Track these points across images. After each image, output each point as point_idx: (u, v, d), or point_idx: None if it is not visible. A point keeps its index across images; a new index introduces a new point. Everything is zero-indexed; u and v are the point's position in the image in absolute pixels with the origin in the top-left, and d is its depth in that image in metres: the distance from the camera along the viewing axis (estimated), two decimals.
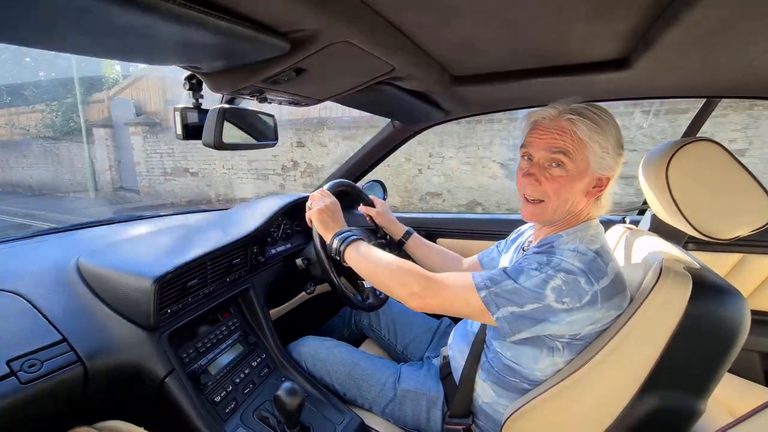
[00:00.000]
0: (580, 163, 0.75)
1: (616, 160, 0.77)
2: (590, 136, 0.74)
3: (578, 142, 0.74)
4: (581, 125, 0.74)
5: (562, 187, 0.77)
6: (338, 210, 1.02)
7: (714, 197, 0.77)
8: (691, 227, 0.78)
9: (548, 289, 0.70)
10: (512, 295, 0.72)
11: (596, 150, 0.74)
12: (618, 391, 0.73)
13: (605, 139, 0.74)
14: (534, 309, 0.71)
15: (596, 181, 0.78)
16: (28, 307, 0.80)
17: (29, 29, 0.46)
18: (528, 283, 0.71)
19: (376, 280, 0.86)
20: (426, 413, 0.97)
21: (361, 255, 0.89)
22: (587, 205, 0.81)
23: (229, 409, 0.93)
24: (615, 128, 0.77)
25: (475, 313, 0.76)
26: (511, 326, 0.72)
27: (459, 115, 1.43)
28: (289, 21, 0.56)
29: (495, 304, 0.73)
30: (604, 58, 0.84)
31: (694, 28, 0.60)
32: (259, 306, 1.16)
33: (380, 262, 0.86)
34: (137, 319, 0.86)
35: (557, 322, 0.71)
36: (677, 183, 0.78)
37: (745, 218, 0.76)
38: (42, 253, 1.03)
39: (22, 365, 0.70)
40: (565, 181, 0.76)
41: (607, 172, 0.77)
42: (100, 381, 0.79)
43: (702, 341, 0.69)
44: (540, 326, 0.72)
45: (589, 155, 0.75)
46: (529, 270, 0.73)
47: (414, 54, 0.79)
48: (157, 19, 0.45)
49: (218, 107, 0.80)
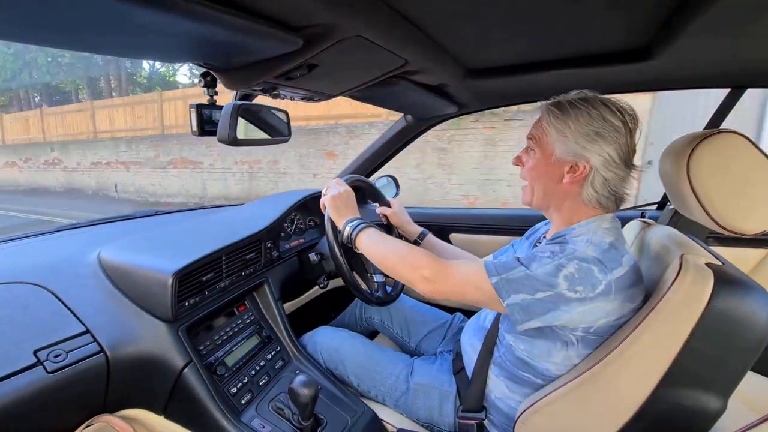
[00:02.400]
0: (545, 148, 0.81)
1: (585, 146, 0.76)
2: (549, 121, 0.79)
3: (541, 129, 0.82)
4: (547, 114, 0.80)
5: (532, 169, 0.84)
6: (352, 198, 1.03)
7: (737, 191, 0.75)
8: (713, 222, 0.76)
9: (560, 276, 0.69)
10: (524, 281, 0.71)
11: (553, 134, 0.79)
12: (635, 388, 0.71)
13: (563, 124, 0.77)
14: (545, 297, 0.70)
15: (569, 166, 0.78)
16: (52, 299, 0.83)
17: (48, 29, 0.48)
18: (540, 270, 0.71)
19: (387, 265, 0.87)
20: (438, 407, 0.97)
21: (373, 240, 0.91)
22: (573, 193, 0.80)
23: (245, 400, 0.96)
24: (585, 116, 0.76)
25: (485, 300, 0.76)
26: (522, 314, 0.72)
27: (473, 108, 1.41)
28: (302, 16, 0.56)
29: (506, 290, 0.72)
30: (624, 48, 0.82)
31: (719, 16, 0.58)
32: (274, 300, 1.18)
33: (391, 248, 0.88)
34: (157, 311, 0.89)
35: (569, 311, 0.70)
36: (699, 176, 0.76)
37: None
38: (65, 248, 1.06)
39: (48, 355, 0.72)
40: (534, 164, 0.83)
41: (578, 159, 0.77)
42: (121, 371, 0.81)
43: (723, 339, 0.67)
44: (551, 315, 0.71)
45: (549, 139, 0.80)
46: (542, 258, 0.73)
47: (427, 47, 0.78)
48: (173, 17, 0.46)
49: (232, 104, 0.81)
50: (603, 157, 0.76)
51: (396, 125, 1.56)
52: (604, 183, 0.78)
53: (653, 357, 0.69)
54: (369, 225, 0.94)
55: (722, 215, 0.75)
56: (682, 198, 0.81)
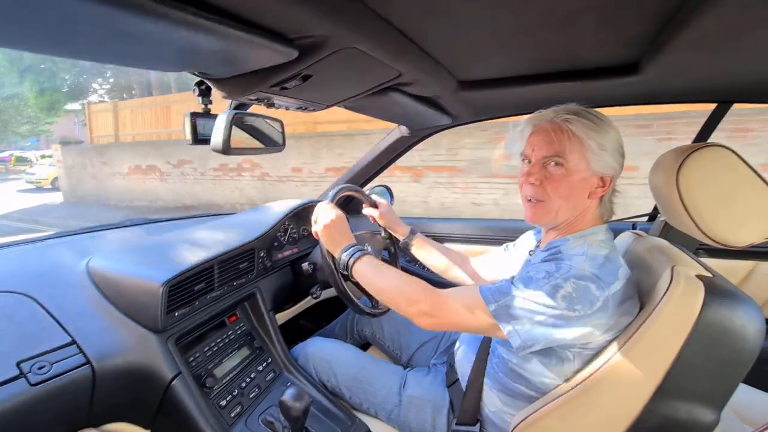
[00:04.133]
0: (578, 161, 0.75)
1: (617, 159, 0.77)
2: (586, 133, 0.74)
3: (575, 139, 0.75)
4: (577, 123, 0.75)
5: (561, 186, 0.77)
6: (344, 223, 1.00)
7: (726, 203, 0.76)
8: (702, 234, 0.77)
9: (558, 297, 0.68)
10: (522, 306, 0.70)
11: (593, 147, 0.74)
12: (628, 401, 0.71)
13: (602, 137, 0.75)
14: (545, 319, 0.69)
15: (598, 180, 0.78)
16: (38, 309, 0.81)
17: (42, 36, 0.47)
18: (537, 293, 0.70)
19: (385, 298, 0.86)
20: (431, 420, 0.95)
21: (369, 272, 0.89)
22: (592, 207, 0.80)
23: (234, 413, 0.94)
24: (614, 130, 0.77)
25: (485, 328, 0.75)
26: (524, 339, 0.71)
27: (466, 120, 1.43)
28: (297, 28, 0.56)
29: (505, 316, 0.71)
30: (614, 63, 0.84)
31: (705, 32, 0.60)
32: (266, 310, 1.17)
33: (388, 281, 0.85)
34: (146, 321, 0.87)
35: (570, 331, 0.69)
36: (688, 189, 0.77)
37: (758, 225, 0.74)
38: (52, 256, 1.04)
39: (31, 367, 0.70)
40: (564, 179, 0.76)
41: (609, 171, 0.77)
42: (107, 383, 0.79)
43: (715, 350, 0.67)
44: (553, 337, 0.70)
45: (587, 153, 0.75)
46: (537, 279, 0.71)
47: (420, 60, 0.79)
48: (167, 27, 0.46)
49: (227, 113, 0.81)
50: (620, 170, 0.77)
51: (390, 136, 1.57)
52: (611, 195, 0.79)
53: (646, 369, 0.69)
54: (365, 253, 0.92)
55: (711, 228, 0.76)
56: (672, 210, 0.82)
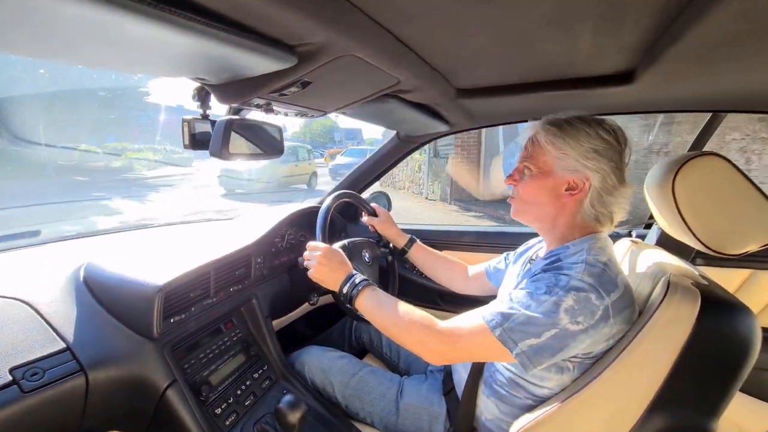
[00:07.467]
0: (543, 165, 0.82)
1: (584, 163, 0.77)
2: (547, 138, 0.81)
3: (539, 147, 0.83)
4: (543, 132, 0.81)
5: (527, 186, 0.84)
6: (334, 256, 0.96)
7: (722, 212, 0.76)
8: (698, 242, 0.77)
9: (561, 311, 0.69)
10: (527, 326, 0.70)
11: (552, 151, 0.80)
12: (626, 410, 0.71)
13: (562, 141, 0.79)
14: (552, 336, 0.69)
15: (567, 183, 0.79)
16: (32, 315, 0.80)
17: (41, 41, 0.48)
18: (540, 309, 0.70)
19: (391, 335, 0.84)
20: (428, 428, 0.95)
21: (372, 307, 0.86)
22: (571, 210, 0.81)
23: (229, 421, 0.92)
24: (584, 134, 0.78)
25: (495, 355, 0.75)
26: (532, 360, 0.70)
27: (464, 127, 1.43)
28: (297, 35, 0.57)
29: (512, 340, 0.71)
30: (610, 72, 0.85)
31: (700, 42, 0.60)
32: (262, 317, 1.16)
33: (392, 318, 0.83)
34: (141, 328, 0.86)
35: (576, 344, 0.70)
36: (684, 197, 0.78)
37: (754, 233, 0.75)
38: (48, 261, 1.03)
39: (24, 374, 0.69)
40: (530, 181, 0.84)
41: (577, 175, 0.78)
42: (101, 391, 0.78)
43: (711, 359, 0.67)
44: (561, 353, 0.70)
45: (547, 157, 0.81)
46: (539, 296, 0.71)
47: (419, 67, 0.79)
48: (167, 33, 0.46)
49: (225, 118, 0.81)
50: (601, 174, 0.77)
51: (389, 142, 1.58)
52: (600, 200, 0.79)
53: (643, 377, 0.69)
54: (365, 286, 0.88)
55: (707, 236, 0.76)
56: (668, 219, 0.83)
